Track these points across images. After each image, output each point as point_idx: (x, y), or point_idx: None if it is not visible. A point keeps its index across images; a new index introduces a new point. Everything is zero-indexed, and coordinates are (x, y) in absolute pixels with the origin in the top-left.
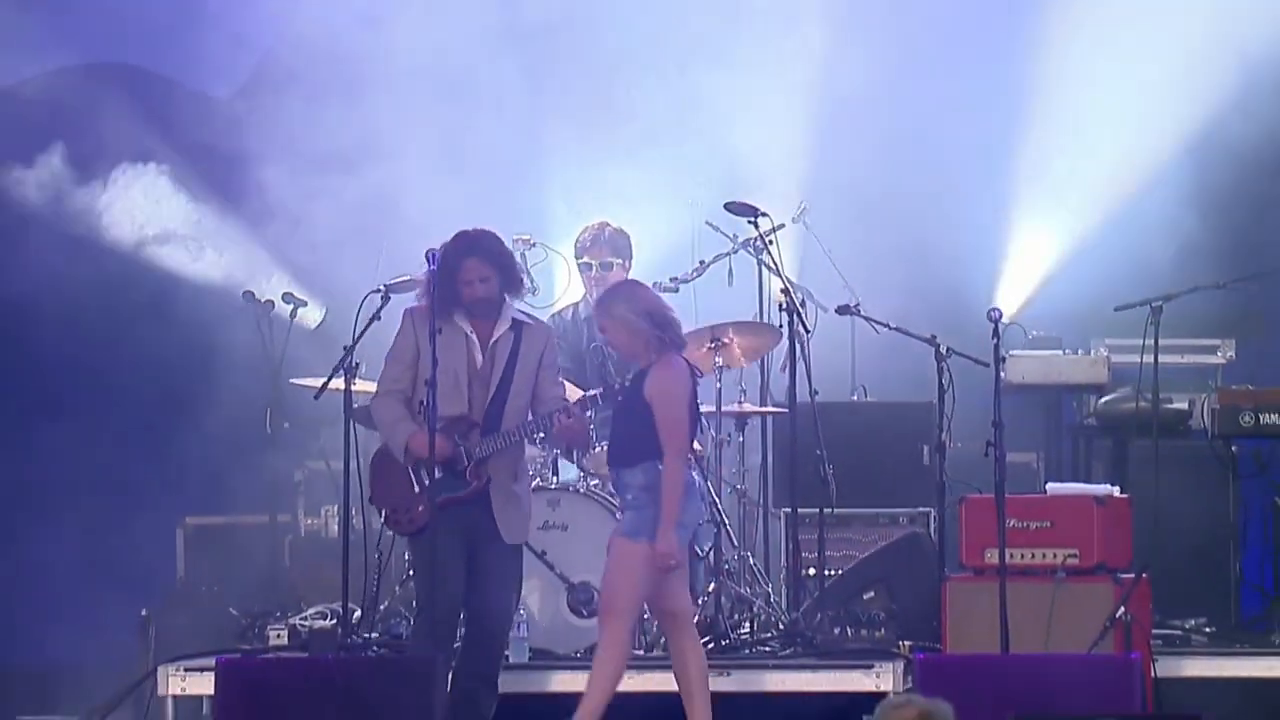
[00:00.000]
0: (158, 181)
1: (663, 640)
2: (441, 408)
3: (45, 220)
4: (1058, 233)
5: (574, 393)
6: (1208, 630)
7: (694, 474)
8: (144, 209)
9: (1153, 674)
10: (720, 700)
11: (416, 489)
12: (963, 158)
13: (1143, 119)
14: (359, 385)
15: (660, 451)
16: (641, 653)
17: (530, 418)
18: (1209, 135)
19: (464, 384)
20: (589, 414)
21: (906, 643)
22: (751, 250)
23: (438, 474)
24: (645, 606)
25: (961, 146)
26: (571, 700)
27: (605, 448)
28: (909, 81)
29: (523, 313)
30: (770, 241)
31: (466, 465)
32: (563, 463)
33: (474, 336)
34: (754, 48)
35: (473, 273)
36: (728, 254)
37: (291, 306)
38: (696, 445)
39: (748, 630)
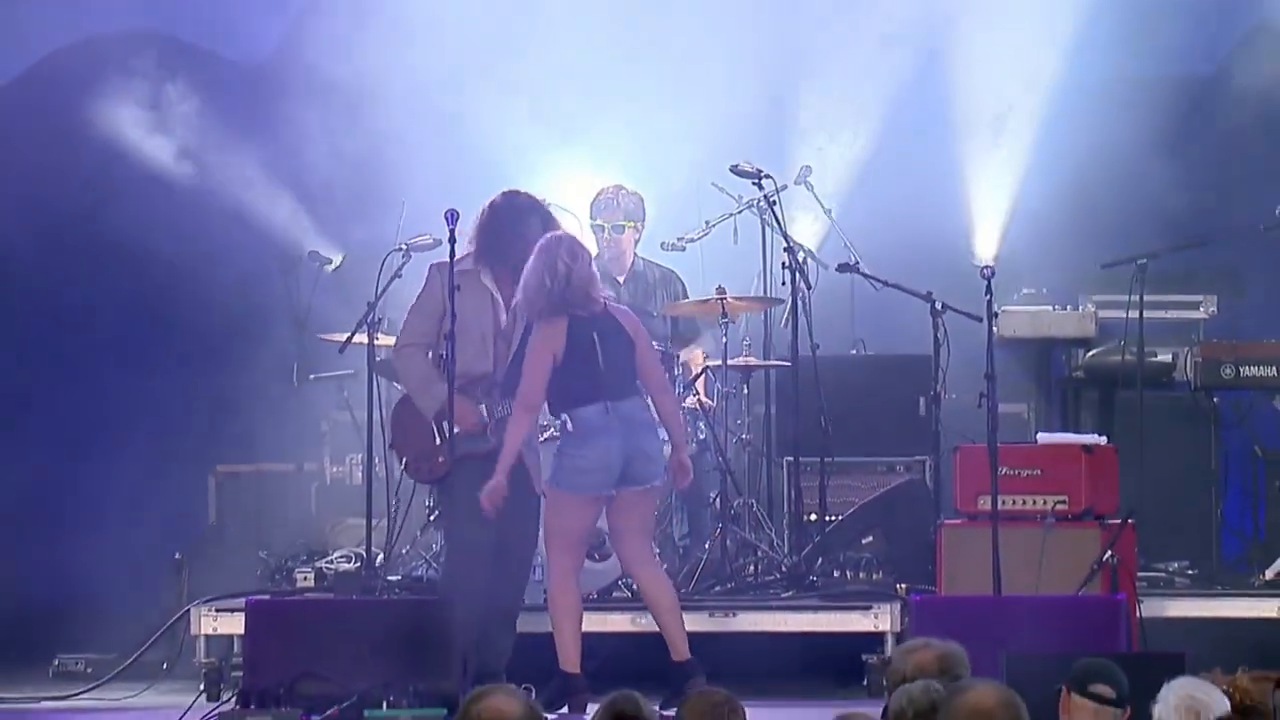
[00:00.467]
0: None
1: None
2: (468, 365)
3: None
4: (1050, 193)
5: None
6: (1190, 573)
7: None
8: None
9: (1138, 614)
10: (725, 640)
11: (438, 440)
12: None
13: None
14: (381, 340)
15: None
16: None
17: None
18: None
19: (489, 342)
20: None
21: (903, 585)
22: (755, 210)
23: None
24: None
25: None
26: (584, 639)
27: None
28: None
29: None
30: (773, 202)
31: (488, 423)
32: None
33: (498, 296)
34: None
35: (536, 233)
36: (733, 214)
37: (317, 264)
38: (705, 398)
39: (752, 573)
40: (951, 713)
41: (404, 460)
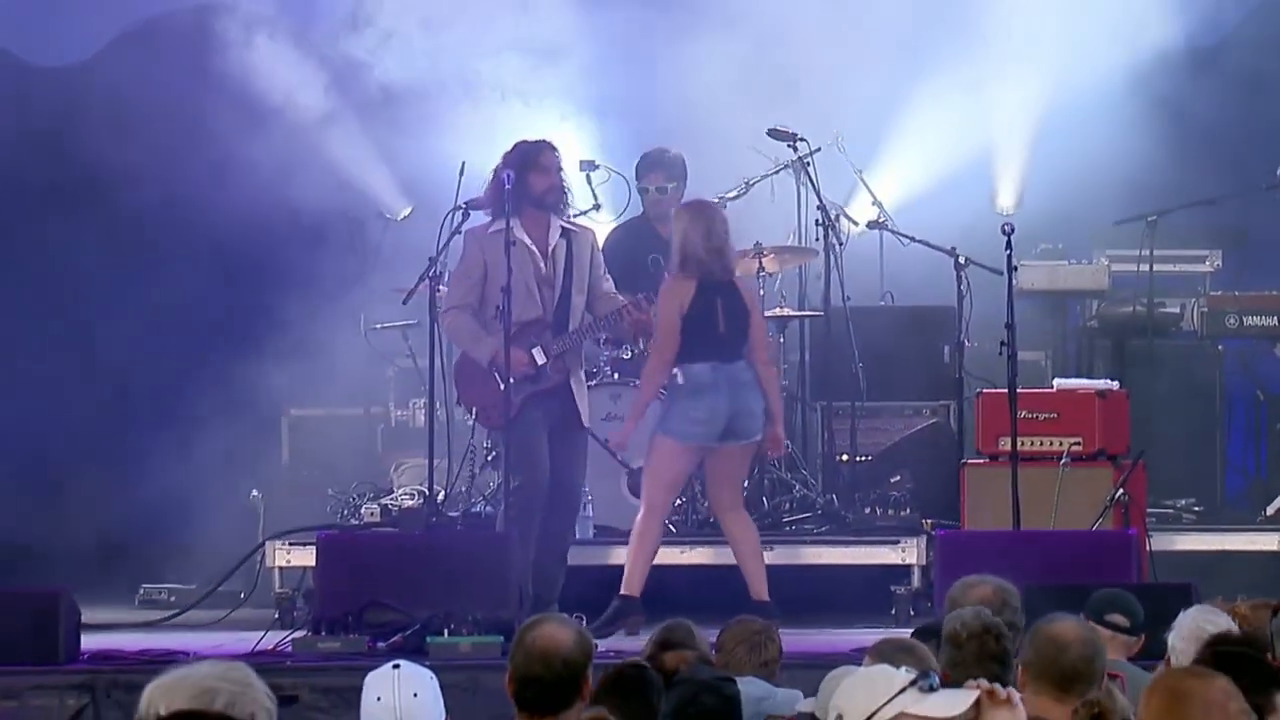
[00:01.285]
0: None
1: (712, 519)
2: (517, 313)
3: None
4: (1065, 153)
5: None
6: (1196, 509)
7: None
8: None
9: (1148, 548)
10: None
11: (502, 386)
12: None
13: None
14: (442, 291)
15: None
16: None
17: (590, 317)
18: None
19: (535, 289)
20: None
21: (928, 521)
22: (791, 171)
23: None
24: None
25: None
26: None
27: None
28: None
29: (567, 220)
30: (807, 163)
31: (547, 361)
32: None
33: (534, 246)
34: None
35: (551, 161)
36: (770, 174)
37: (385, 220)
38: None
39: (788, 510)
40: (1037, 639)
41: (474, 411)
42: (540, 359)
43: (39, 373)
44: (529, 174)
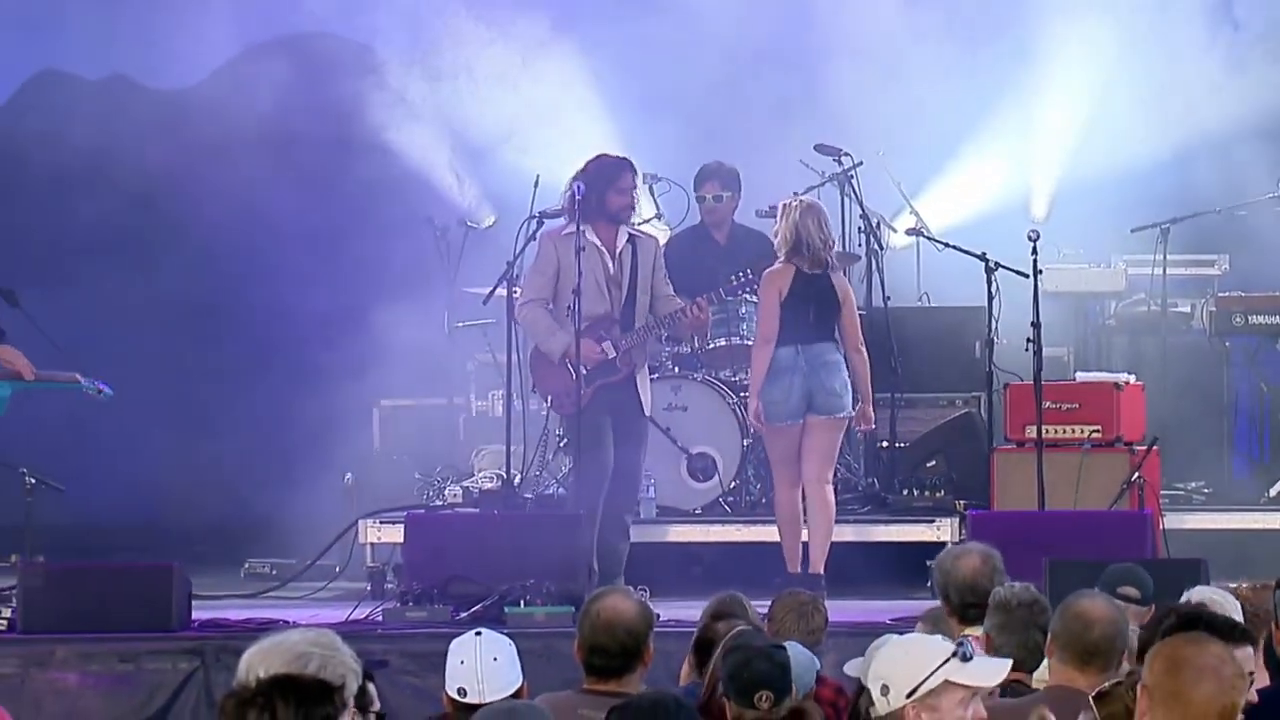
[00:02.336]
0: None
1: (764, 500)
2: (587, 309)
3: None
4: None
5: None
6: (1205, 491)
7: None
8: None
9: (1161, 526)
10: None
11: (574, 377)
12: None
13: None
14: (517, 292)
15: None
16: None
17: (653, 317)
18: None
19: (604, 288)
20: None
21: (961, 502)
22: (836, 183)
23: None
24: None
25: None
26: (690, 548)
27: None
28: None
29: (632, 228)
30: (851, 176)
31: (616, 355)
32: None
33: (604, 249)
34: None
35: (628, 183)
36: (817, 186)
37: (467, 227)
38: None
39: (835, 493)
40: (1065, 615)
41: (549, 399)
42: (610, 353)
43: (165, 373)
44: (608, 191)
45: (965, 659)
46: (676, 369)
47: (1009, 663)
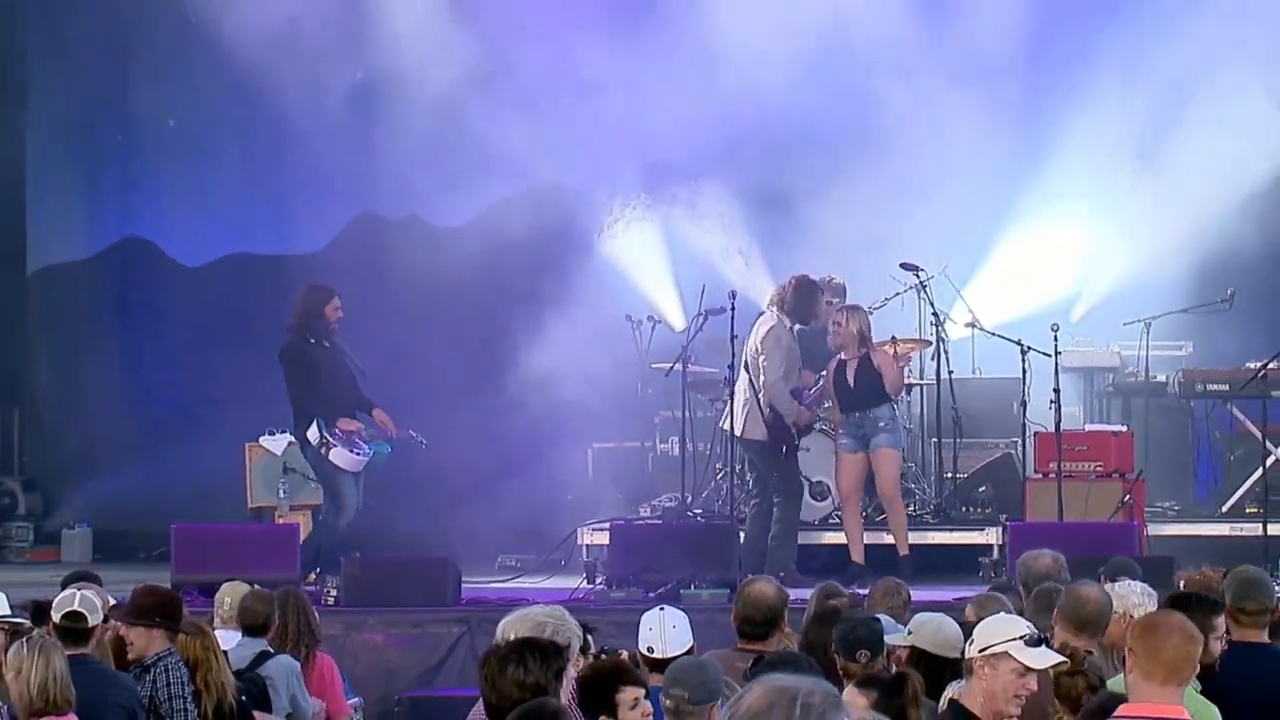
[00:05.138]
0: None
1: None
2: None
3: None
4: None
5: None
6: (1176, 509)
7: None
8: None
9: (1145, 533)
10: (893, 549)
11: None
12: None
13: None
14: (691, 369)
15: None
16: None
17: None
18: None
19: (799, 369)
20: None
21: (1003, 516)
22: (915, 290)
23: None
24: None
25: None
26: (810, 550)
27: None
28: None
29: None
30: (925, 285)
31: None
32: None
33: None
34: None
35: (823, 305)
36: (900, 293)
37: (653, 323)
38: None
39: (912, 509)
40: (1068, 595)
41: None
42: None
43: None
44: (815, 305)
45: (1030, 643)
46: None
47: (1059, 658)
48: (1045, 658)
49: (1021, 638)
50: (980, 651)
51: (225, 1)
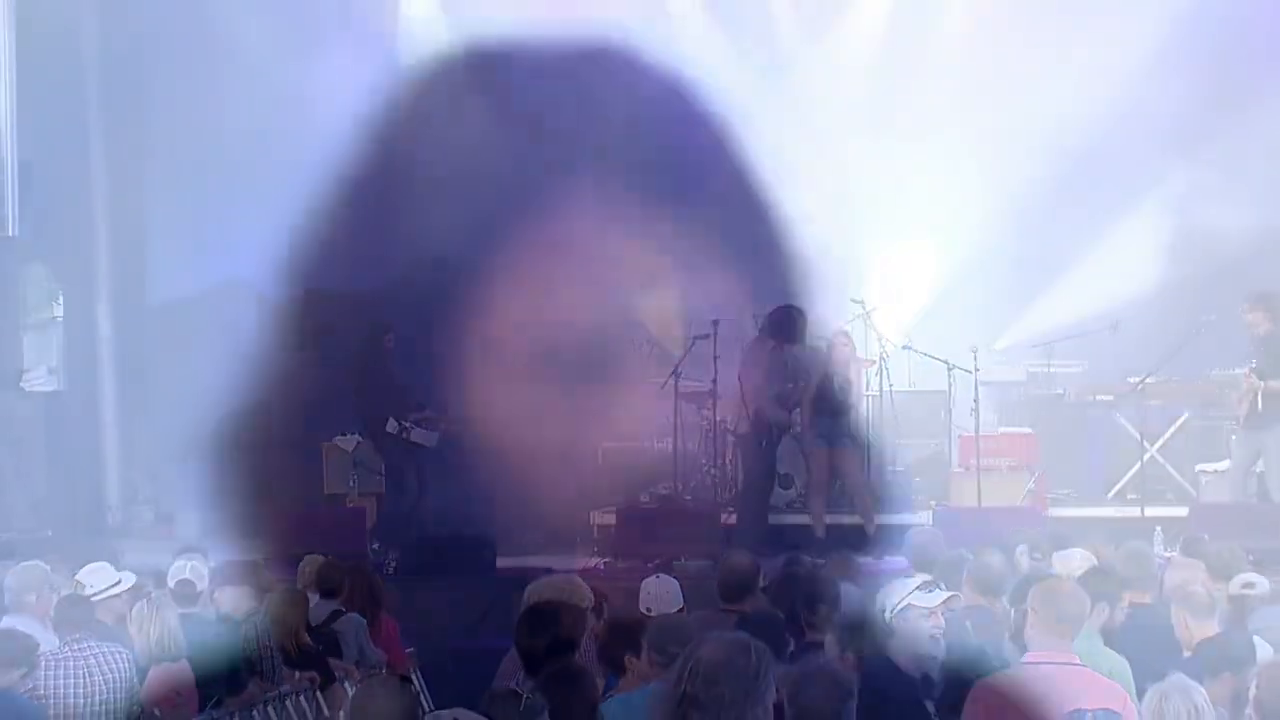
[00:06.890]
0: None
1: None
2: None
3: None
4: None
5: None
6: (1072, 495)
7: None
8: None
9: (1047, 514)
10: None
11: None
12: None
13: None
14: (683, 383)
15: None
16: None
17: None
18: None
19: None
20: None
21: (933, 501)
22: (860, 319)
23: None
24: None
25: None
26: (778, 528)
27: None
28: None
29: None
30: (869, 315)
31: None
32: None
33: None
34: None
35: (802, 330)
36: (850, 320)
37: (651, 346)
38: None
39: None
40: (977, 563)
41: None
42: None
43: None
44: (794, 329)
45: (927, 590)
46: None
47: (946, 595)
48: (933, 599)
49: (918, 588)
50: (887, 613)
51: None
